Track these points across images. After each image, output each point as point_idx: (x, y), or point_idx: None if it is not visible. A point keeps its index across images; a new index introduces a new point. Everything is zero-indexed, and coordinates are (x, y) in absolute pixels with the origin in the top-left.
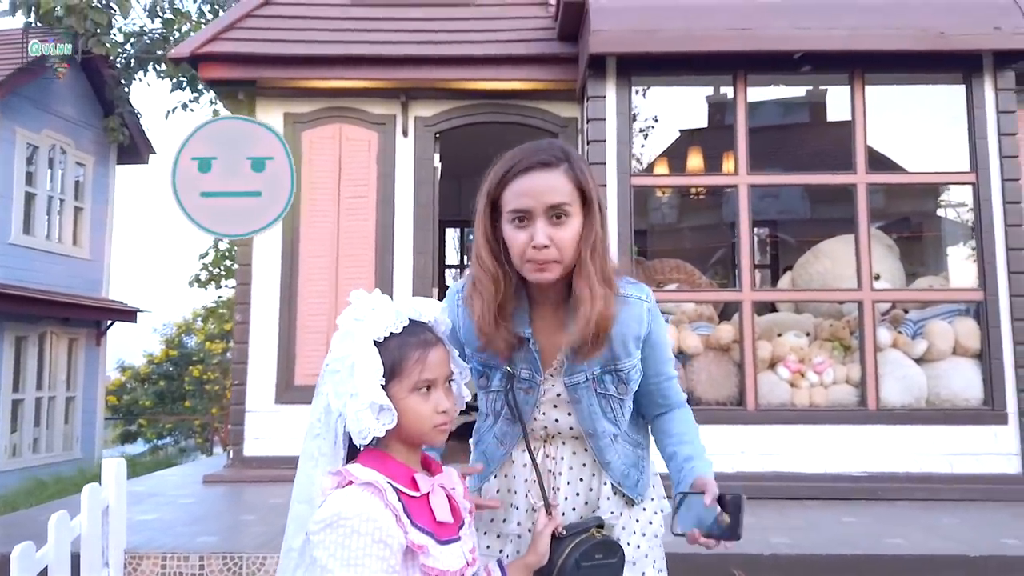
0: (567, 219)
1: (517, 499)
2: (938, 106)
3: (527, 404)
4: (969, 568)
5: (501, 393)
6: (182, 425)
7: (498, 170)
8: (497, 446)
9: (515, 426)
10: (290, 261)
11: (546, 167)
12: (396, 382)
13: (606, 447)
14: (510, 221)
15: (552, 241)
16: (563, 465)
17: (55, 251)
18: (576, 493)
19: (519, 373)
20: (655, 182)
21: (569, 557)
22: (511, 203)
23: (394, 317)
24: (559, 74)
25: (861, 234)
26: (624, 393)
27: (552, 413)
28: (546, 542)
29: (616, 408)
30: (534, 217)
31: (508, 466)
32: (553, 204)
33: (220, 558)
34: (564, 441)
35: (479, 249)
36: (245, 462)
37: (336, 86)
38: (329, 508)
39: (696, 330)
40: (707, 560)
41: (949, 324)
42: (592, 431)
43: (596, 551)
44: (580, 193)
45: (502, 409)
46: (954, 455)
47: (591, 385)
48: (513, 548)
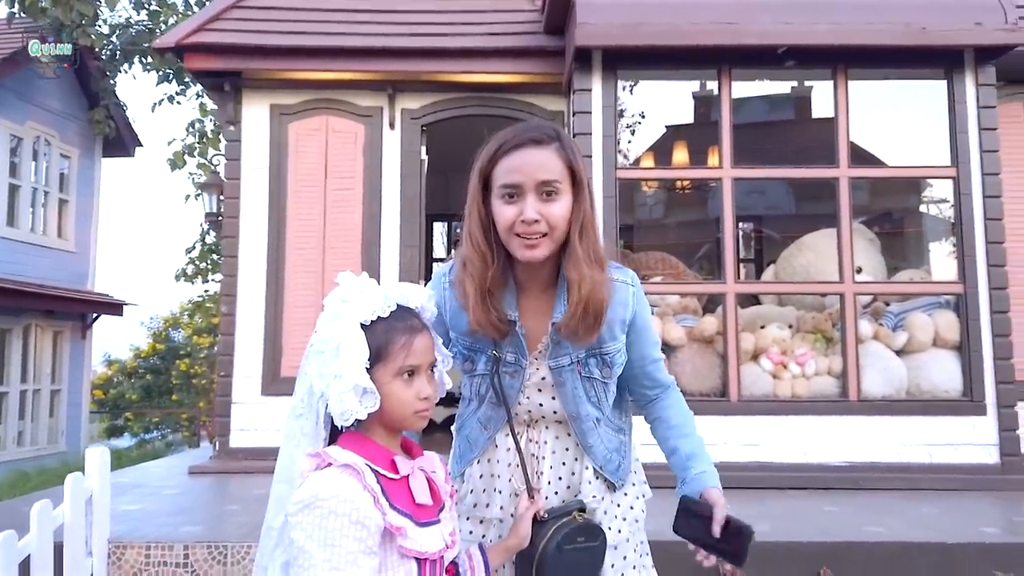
0: (557, 196)
1: (500, 483)
2: (920, 101)
3: (512, 388)
4: (947, 555)
5: (487, 376)
6: (169, 419)
7: (490, 147)
8: (481, 431)
9: (499, 410)
10: (276, 253)
11: (537, 144)
12: (381, 366)
13: (588, 431)
14: (500, 196)
15: (542, 216)
16: (546, 449)
17: (40, 243)
18: (559, 477)
19: (505, 357)
20: (641, 175)
21: (551, 540)
22: (502, 178)
23: (382, 301)
24: (545, 67)
25: (843, 227)
26: (608, 377)
27: (536, 397)
28: (527, 525)
29: (600, 392)
30: (524, 193)
31: (491, 451)
32: (544, 180)
33: (205, 547)
34: (547, 426)
35: (471, 227)
36: (231, 453)
37: (323, 78)
38: (307, 489)
39: (680, 322)
40: (685, 548)
41: (929, 316)
42: (575, 414)
43: (578, 534)
44: (570, 172)
45: (487, 393)
46: (933, 446)
47: (576, 368)
48: (496, 533)
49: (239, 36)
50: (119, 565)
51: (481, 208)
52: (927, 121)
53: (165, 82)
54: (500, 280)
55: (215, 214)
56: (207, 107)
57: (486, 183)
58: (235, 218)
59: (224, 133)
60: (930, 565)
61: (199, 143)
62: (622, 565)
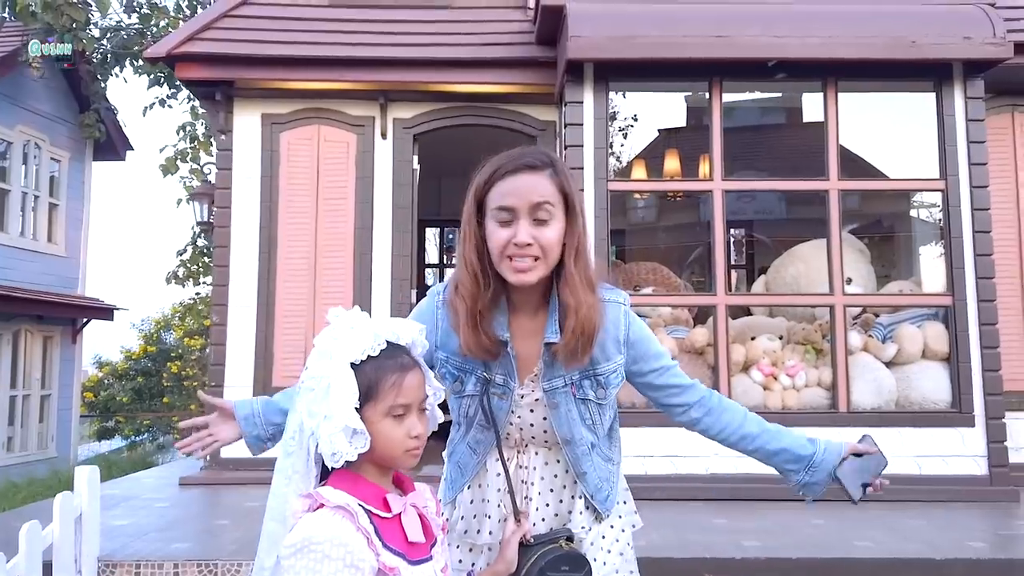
0: (550, 221)
1: (490, 508)
2: (909, 114)
3: (500, 410)
4: (936, 571)
5: (475, 397)
6: (160, 421)
7: (485, 172)
8: (470, 455)
9: (488, 433)
10: (267, 262)
11: (532, 169)
12: (371, 405)
13: (582, 456)
14: (494, 219)
15: (535, 240)
16: (535, 475)
17: (30, 248)
18: (546, 504)
19: (494, 378)
20: (632, 187)
21: (534, 565)
22: (496, 201)
23: (372, 340)
24: (537, 78)
25: (833, 239)
26: (603, 398)
27: (528, 417)
28: (514, 550)
29: (595, 415)
30: (518, 216)
31: (482, 475)
32: (537, 203)
33: (195, 566)
34: (537, 451)
35: (465, 250)
36: (222, 464)
37: (314, 87)
38: (299, 532)
39: (672, 333)
40: (679, 565)
41: (918, 328)
42: (569, 438)
43: (562, 563)
44: (563, 198)
45: (475, 415)
46: (922, 457)
47: (570, 390)
48: (485, 560)
49: (230, 46)
50: None
51: (476, 231)
52: (916, 133)
53: (156, 86)
54: (493, 302)
55: (207, 223)
56: (198, 111)
57: (480, 206)
58: (226, 227)
59: (216, 142)
60: None
61: (191, 147)
62: None
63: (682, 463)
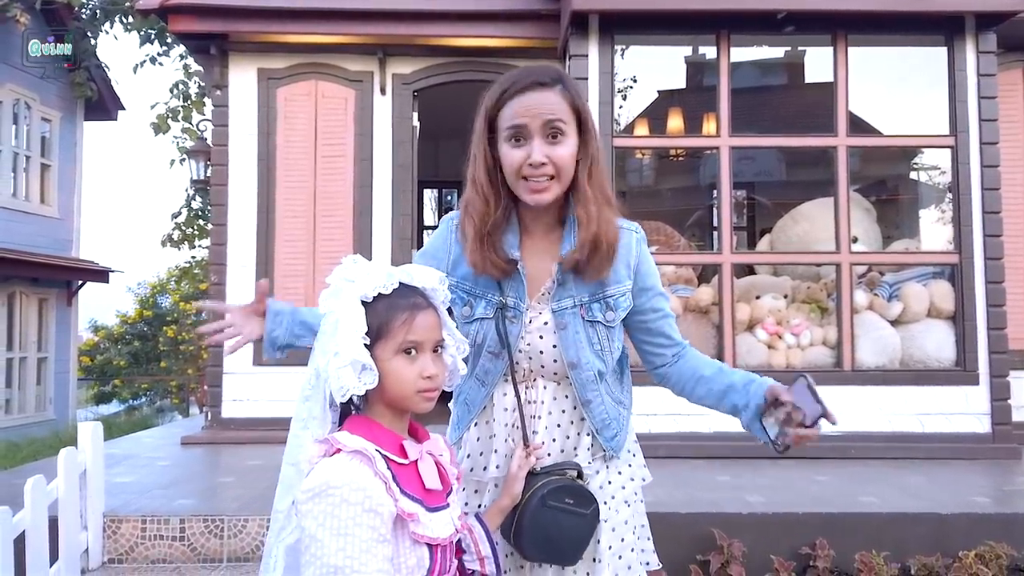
0: (563, 137)
1: (497, 443)
2: (919, 69)
3: (511, 334)
4: (941, 525)
5: (486, 321)
6: (158, 385)
7: (495, 91)
8: (478, 388)
9: (497, 362)
10: (266, 221)
11: (542, 86)
12: (381, 343)
13: (588, 383)
14: (507, 140)
15: (549, 159)
16: (543, 410)
17: (22, 209)
18: (553, 439)
19: (506, 301)
20: (637, 144)
21: (537, 492)
22: (508, 120)
23: (384, 278)
24: (540, 32)
25: (840, 197)
26: (611, 321)
27: (537, 344)
28: (520, 484)
29: (603, 339)
30: (531, 135)
31: (489, 410)
32: (549, 120)
33: (201, 520)
34: (545, 385)
35: (475, 170)
36: (223, 424)
37: (311, 41)
38: (317, 477)
39: (676, 292)
40: (686, 520)
41: (924, 287)
42: (576, 361)
43: (566, 494)
44: (575, 114)
45: (483, 342)
46: (926, 415)
47: (579, 311)
48: (491, 498)
49: None
50: (115, 539)
51: (487, 151)
52: (925, 89)
53: (147, 43)
54: (502, 222)
55: (202, 181)
56: (191, 69)
57: (491, 126)
58: (223, 185)
59: (211, 98)
60: (923, 535)
61: (183, 106)
62: (620, 547)
63: (685, 421)
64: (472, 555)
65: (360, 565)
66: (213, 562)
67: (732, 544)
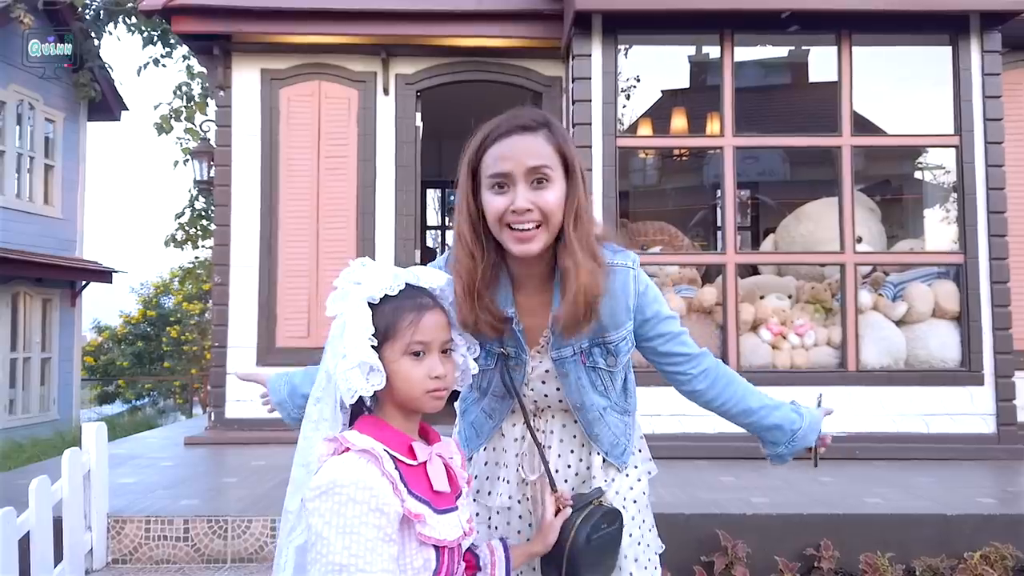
0: (549, 184)
1: (507, 472)
2: (924, 68)
3: (516, 380)
4: (946, 526)
5: (488, 372)
6: (161, 386)
7: (477, 138)
8: (486, 419)
9: (504, 402)
10: (269, 221)
11: (526, 131)
12: (389, 344)
13: (594, 420)
14: (489, 188)
15: (534, 205)
16: (553, 439)
17: (26, 210)
18: (567, 465)
19: (508, 351)
20: (641, 143)
21: (580, 531)
22: (490, 168)
23: (390, 280)
24: (543, 31)
25: (845, 197)
26: (613, 366)
27: (540, 388)
28: (555, 535)
29: (606, 381)
30: (514, 182)
31: (497, 439)
32: (533, 167)
33: (205, 521)
34: (554, 414)
35: (459, 224)
36: (226, 424)
37: (315, 41)
38: (325, 475)
39: (679, 293)
40: (690, 521)
41: (928, 287)
42: (580, 404)
43: (602, 522)
44: (561, 159)
45: (489, 387)
46: (931, 416)
47: (579, 359)
48: (501, 520)
49: None
50: (119, 539)
51: (471, 202)
52: (930, 88)
53: (150, 44)
54: (492, 277)
55: (206, 182)
56: (194, 70)
57: (474, 176)
58: (227, 186)
59: (214, 99)
60: (928, 536)
61: (186, 107)
62: (627, 542)
63: (689, 422)
64: (486, 574)
65: (365, 564)
66: (217, 563)
67: (736, 545)
